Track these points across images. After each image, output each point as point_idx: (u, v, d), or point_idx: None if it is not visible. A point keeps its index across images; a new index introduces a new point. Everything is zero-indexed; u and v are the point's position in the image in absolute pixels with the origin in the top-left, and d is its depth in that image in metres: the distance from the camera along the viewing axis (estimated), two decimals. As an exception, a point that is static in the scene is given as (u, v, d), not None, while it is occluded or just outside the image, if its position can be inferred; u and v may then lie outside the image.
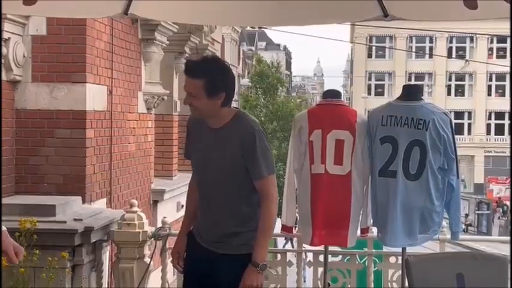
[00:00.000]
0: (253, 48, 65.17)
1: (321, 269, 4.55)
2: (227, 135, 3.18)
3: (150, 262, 4.45)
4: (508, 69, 42.72)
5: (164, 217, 4.76)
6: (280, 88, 32.18)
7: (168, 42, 6.39)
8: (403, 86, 4.26)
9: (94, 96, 4.86)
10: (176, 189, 6.85)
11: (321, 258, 4.52)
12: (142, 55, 5.96)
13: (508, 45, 47.74)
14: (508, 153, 47.24)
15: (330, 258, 4.72)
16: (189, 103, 3.15)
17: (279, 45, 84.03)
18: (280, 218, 4.25)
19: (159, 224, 4.71)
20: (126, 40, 5.55)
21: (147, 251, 4.51)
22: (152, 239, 4.54)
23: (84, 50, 4.74)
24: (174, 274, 4.88)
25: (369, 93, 47.94)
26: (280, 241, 19.40)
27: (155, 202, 6.39)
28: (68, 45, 4.71)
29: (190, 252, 3.34)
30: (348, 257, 4.65)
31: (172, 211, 6.92)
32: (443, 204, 4.10)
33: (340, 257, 4.84)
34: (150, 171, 6.26)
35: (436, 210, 4.04)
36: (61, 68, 4.72)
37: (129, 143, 5.62)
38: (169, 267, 4.74)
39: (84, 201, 4.68)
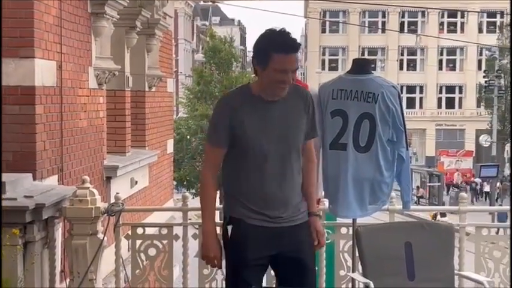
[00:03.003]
0: (207, 23, 64.66)
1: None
2: (291, 103, 3.25)
3: (103, 238, 4.44)
4: (458, 43, 43.47)
5: (117, 193, 4.75)
6: (235, 63, 32.04)
7: (118, 16, 6.29)
8: (353, 60, 4.32)
9: (43, 72, 4.77)
10: (129, 165, 6.81)
11: (274, 230, 4.58)
12: (92, 29, 5.85)
13: (458, 20, 48.48)
14: (458, 127, 48.32)
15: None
16: (292, 79, 3.18)
17: (233, 20, 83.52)
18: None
19: (113, 200, 4.69)
20: (75, 14, 5.45)
21: (100, 227, 4.49)
22: (105, 214, 4.52)
23: (32, 25, 4.63)
24: (128, 250, 4.88)
25: (323, 68, 48.26)
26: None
27: (108, 178, 6.33)
28: (15, 20, 4.60)
29: (247, 239, 3.21)
30: (301, 229, 4.71)
31: (126, 187, 6.88)
32: (393, 175, 4.19)
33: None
34: (103, 148, 6.20)
35: (386, 181, 4.14)
36: (8, 43, 4.62)
37: (80, 119, 5.55)
38: (123, 242, 4.75)
39: (34, 178, 4.62)
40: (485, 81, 38.53)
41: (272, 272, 3.68)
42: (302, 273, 3.28)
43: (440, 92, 49.23)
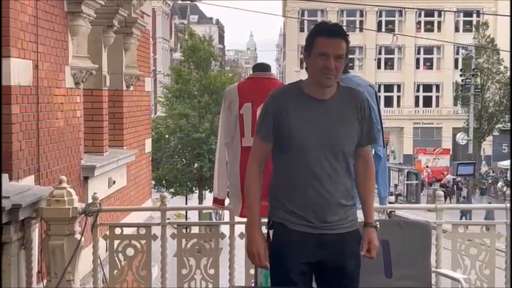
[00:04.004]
0: (185, 22, 64.49)
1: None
2: (343, 103, 3.11)
3: (80, 238, 4.41)
4: (435, 42, 43.85)
5: (94, 193, 4.72)
6: (213, 62, 31.98)
7: (95, 15, 6.25)
8: (331, 59, 4.33)
9: (19, 71, 4.72)
10: (107, 165, 6.77)
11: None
12: (69, 28, 5.81)
13: (435, 19, 48.89)
14: (435, 125, 48.73)
15: (263, 230, 4.79)
16: (335, 67, 3.01)
17: (211, 18, 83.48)
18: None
19: (90, 200, 4.66)
20: (51, 13, 5.41)
21: (77, 228, 4.46)
22: (83, 215, 4.50)
23: (8, 24, 4.58)
24: (106, 250, 4.85)
25: (301, 67, 48.22)
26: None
27: (86, 178, 6.29)
28: (-10, 19, 4.56)
29: (287, 245, 3.07)
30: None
31: (103, 187, 6.84)
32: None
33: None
34: (80, 147, 6.16)
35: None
36: (-17, 42, 4.57)
37: (57, 119, 5.51)
38: (101, 243, 4.73)
39: (11, 179, 4.57)
40: (462, 80, 38.91)
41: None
42: (345, 284, 3.14)
43: (418, 91, 49.61)
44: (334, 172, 3.08)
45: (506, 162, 38.46)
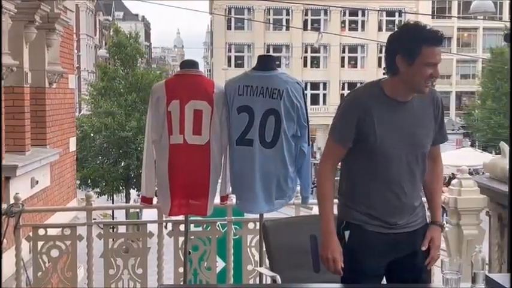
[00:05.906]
0: (110, 19, 63.41)
1: (181, 238, 4.59)
2: (422, 103, 3.05)
3: (2, 240, 4.27)
4: (359, 41, 44.85)
5: (16, 193, 4.58)
6: (140, 59, 31.54)
7: (16, 10, 6.05)
8: (258, 56, 4.36)
9: None
10: (29, 164, 6.56)
11: (182, 227, 4.57)
12: (-13, 23, 5.61)
13: (359, 18, 50.00)
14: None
15: (193, 228, 4.78)
16: (437, 76, 2.94)
17: (137, 15, 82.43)
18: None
19: (12, 201, 4.52)
20: (-32, 7, 5.21)
21: (-1, 229, 4.32)
22: (4, 216, 4.35)
23: None
24: (29, 252, 4.71)
25: (229, 65, 48.40)
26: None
27: (7, 178, 6.08)
28: None
29: (366, 247, 3.03)
30: (209, 225, 4.73)
31: (26, 187, 6.64)
32: (296, 170, 4.26)
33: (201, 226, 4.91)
34: (1, 147, 5.95)
35: (291, 176, 4.21)
36: None
37: (-24, 117, 5.31)
38: (24, 244, 4.59)
39: None
40: (385, 78, 39.86)
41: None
42: (416, 278, 3.12)
43: (343, 89, 50.55)
44: (413, 176, 3.07)
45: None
